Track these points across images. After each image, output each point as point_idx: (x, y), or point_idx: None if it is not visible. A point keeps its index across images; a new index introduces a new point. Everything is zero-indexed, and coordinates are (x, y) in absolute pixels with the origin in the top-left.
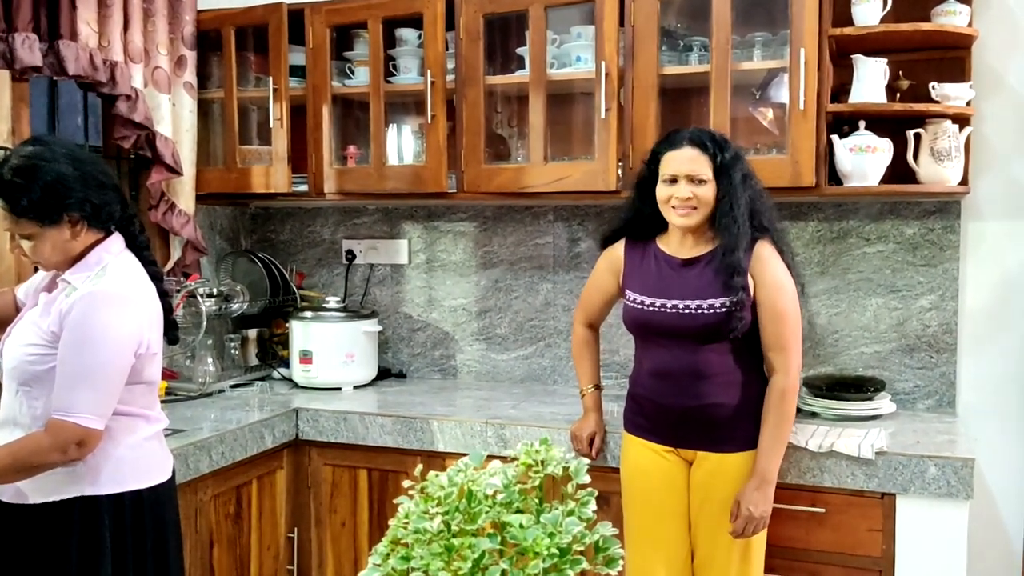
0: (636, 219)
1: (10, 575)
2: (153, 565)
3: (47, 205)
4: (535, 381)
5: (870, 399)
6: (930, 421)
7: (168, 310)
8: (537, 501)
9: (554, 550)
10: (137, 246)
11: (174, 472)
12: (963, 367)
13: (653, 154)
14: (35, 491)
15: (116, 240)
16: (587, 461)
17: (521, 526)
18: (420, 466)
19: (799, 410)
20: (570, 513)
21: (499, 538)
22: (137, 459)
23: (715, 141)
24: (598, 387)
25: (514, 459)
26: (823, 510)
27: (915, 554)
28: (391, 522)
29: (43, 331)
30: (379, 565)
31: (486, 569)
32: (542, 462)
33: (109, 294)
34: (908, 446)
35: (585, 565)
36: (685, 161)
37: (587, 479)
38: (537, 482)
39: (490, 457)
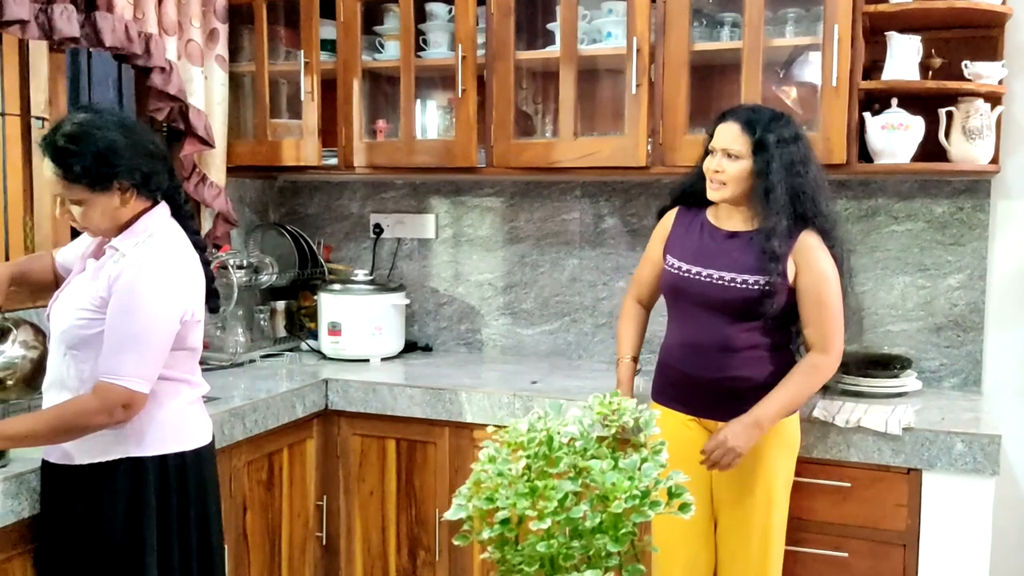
0: (690, 185)
1: (57, 534)
2: (196, 525)
3: (98, 171)
4: (560, 356)
5: (896, 376)
6: (955, 399)
7: (210, 279)
8: (610, 450)
9: (635, 492)
10: (182, 216)
11: (213, 436)
12: (989, 346)
13: (713, 124)
14: (82, 452)
15: (162, 209)
16: (657, 412)
17: (601, 471)
18: (514, 421)
19: (825, 387)
20: (644, 460)
21: (579, 482)
22: (180, 422)
23: (762, 119)
24: (635, 360)
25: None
26: (849, 484)
27: (940, 529)
28: (473, 466)
29: (92, 296)
30: (463, 505)
31: (569, 509)
32: (615, 411)
33: (157, 261)
34: (935, 422)
35: (662, 508)
36: (724, 135)
37: (657, 430)
38: (613, 430)
39: None
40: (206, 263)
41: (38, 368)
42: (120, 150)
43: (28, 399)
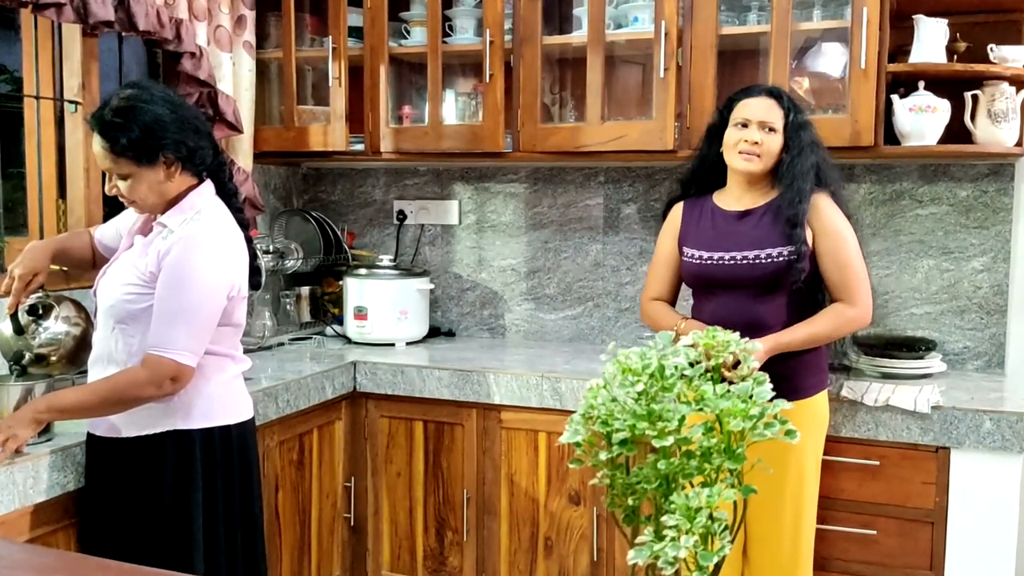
0: (700, 169)
1: (103, 507)
2: (240, 497)
3: (145, 145)
4: (583, 341)
5: (921, 358)
6: (979, 380)
7: (253, 256)
8: (713, 381)
9: (753, 412)
10: (226, 193)
11: (254, 412)
12: (1013, 328)
13: (728, 101)
14: (129, 425)
15: (208, 186)
16: (760, 345)
17: (715, 395)
18: (613, 343)
19: (848, 368)
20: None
21: (691, 407)
22: (225, 396)
23: (791, 99)
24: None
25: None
26: (877, 463)
27: (968, 506)
28: (584, 395)
29: (141, 271)
30: (578, 430)
31: (687, 430)
32: (720, 345)
33: (205, 238)
34: (963, 401)
35: (776, 429)
36: (760, 108)
37: (756, 364)
38: (720, 360)
39: (546, 411)
40: (249, 241)
41: (81, 344)
42: (166, 124)
43: (71, 375)
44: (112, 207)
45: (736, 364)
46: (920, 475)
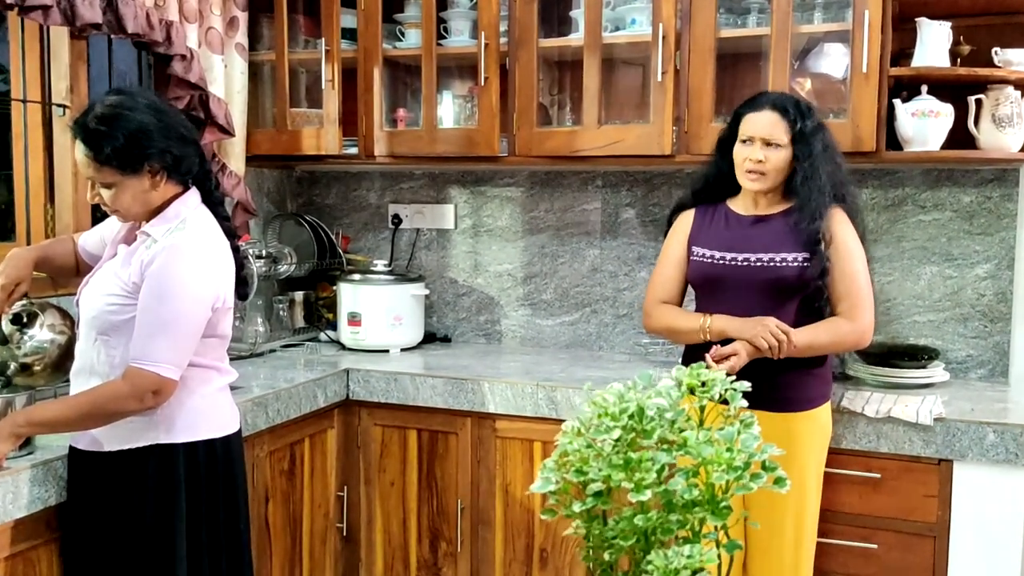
0: (713, 178)
1: (85, 522)
2: (224, 513)
3: (129, 154)
4: (580, 347)
5: (923, 367)
6: (983, 390)
7: (240, 266)
8: (697, 423)
9: (737, 463)
10: (212, 202)
11: (241, 424)
12: (1017, 336)
13: (735, 115)
14: (111, 439)
15: (193, 195)
16: (747, 385)
17: (697, 442)
18: (588, 383)
19: (849, 376)
20: (738, 433)
21: (672, 454)
22: (210, 409)
23: (798, 108)
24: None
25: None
26: (878, 476)
27: (971, 520)
28: (557, 438)
29: (124, 282)
30: (549, 479)
31: (666, 481)
32: (704, 384)
33: (189, 248)
34: (965, 413)
35: (763, 481)
36: (763, 124)
37: (744, 403)
38: (704, 402)
39: (541, 420)
40: (236, 250)
41: (66, 353)
42: (152, 132)
43: (55, 385)
44: (102, 212)
45: (724, 403)
46: (922, 488)
